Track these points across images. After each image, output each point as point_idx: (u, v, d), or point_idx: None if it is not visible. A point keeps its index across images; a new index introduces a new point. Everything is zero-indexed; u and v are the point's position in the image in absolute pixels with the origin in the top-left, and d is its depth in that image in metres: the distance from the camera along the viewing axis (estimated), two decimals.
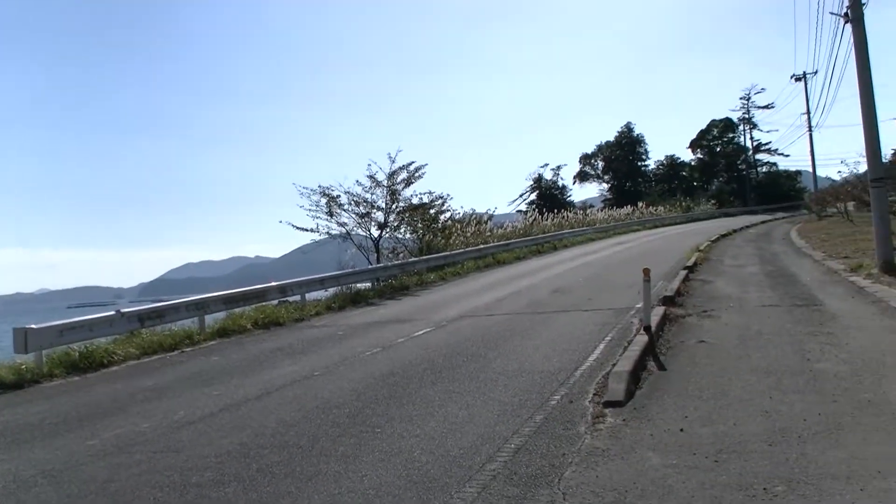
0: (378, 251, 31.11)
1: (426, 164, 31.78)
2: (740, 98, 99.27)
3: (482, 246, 35.31)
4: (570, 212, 59.89)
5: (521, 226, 47.17)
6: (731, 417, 6.89)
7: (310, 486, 5.98)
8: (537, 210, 59.07)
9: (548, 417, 7.40)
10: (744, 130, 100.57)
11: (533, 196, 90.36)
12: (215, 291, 19.40)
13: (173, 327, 16.81)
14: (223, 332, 16.89)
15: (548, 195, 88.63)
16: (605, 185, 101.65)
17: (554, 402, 7.99)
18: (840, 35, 23.55)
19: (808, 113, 66.93)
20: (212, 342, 16.07)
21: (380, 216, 31.12)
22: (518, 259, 34.60)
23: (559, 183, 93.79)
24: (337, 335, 15.38)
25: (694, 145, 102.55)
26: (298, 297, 21.56)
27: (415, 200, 32.20)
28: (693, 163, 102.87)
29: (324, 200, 29.67)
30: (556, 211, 56.48)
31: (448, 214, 36.20)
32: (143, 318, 16.22)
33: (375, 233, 31.27)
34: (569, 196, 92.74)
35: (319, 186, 29.69)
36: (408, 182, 31.42)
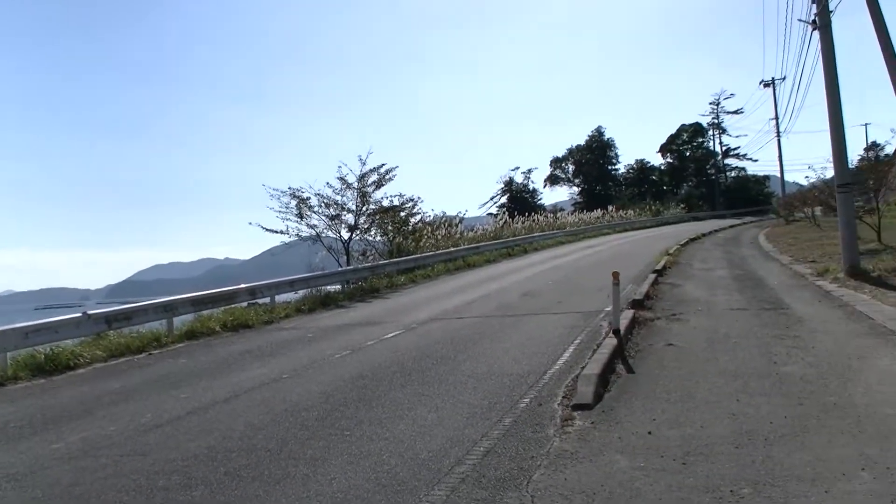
0: (348, 253, 31.03)
1: (397, 167, 31.83)
2: (710, 103, 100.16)
3: (452, 249, 35.32)
4: (540, 215, 59.98)
5: (492, 229, 47.23)
6: (698, 420, 6.94)
7: (278, 489, 5.95)
8: (508, 213, 59.25)
9: (517, 420, 7.41)
10: (713, 135, 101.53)
11: (504, 199, 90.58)
12: (184, 293, 19.25)
13: (141, 329, 16.64)
14: (191, 335, 16.76)
15: (518, 198, 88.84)
16: (576, 189, 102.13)
17: (523, 405, 8.01)
18: (808, 42, 23.83)
19: (777, 118, 67.76)
20: (180, 344, 15.94)
21: (350, 218, 31.10)
22: (488, 262, 34.61)
23: (530, 186, 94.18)
24: (306, 338, 15.32)
25: (664, 150, 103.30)
26: (268, 300, 21.44)
27: (385, 203, 32.17)
28: (663, 167, 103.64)
29: (294, 202, 29.59)
30: (526, 214, 56.65)
31: (418, 217, 36.17)
32: (110, 320, 16.04)
33: (345, 235, 31.21)
34: (539, 199, 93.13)
35: (289, 188, 29.63)
36: (378, 184, 31.42)
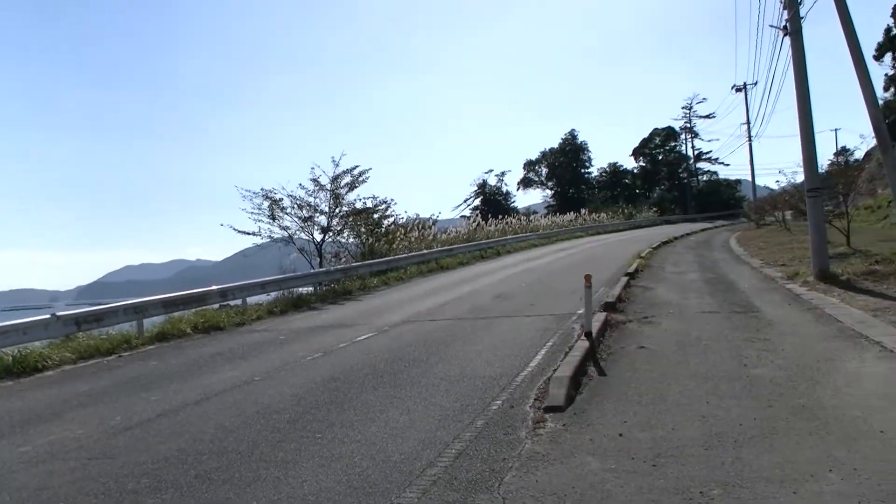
0: (321, 255, 30.94)
1: (370, 169, 31.78)
2: (682, 107, 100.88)
3: (426, 251, 35.30)
4: (513, 218, 60.10)
5: (465, 231, 47.20)
6: (669, 422, 6.98)
7: (248, 492, 5.92)
8: (481, 216, 59.24)
9: (489, 422, 7.42)
10: (685, 139, 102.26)
11: (477, 201, 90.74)
12: (155, 295, 19.09)
13: (111, 331, 16.51)
14: (162, 337, 16.62)
15: (492, 201, 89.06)
16: (549, 192, 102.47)
17: (495, 408, 8.02)
18: (779, 48, 24.15)
19: (748, 123, 68.29)
20: (150, 346, 15.81)
21: (323, 220, 30.98)
22: (461, 264, 34.66)
23: (503, 189, 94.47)
24: (278, 340, 15.25)
25: (636, 153, 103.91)
26: (240, 301, 21.30)
27: (358, 205, 32.06)
28: (635, 170, 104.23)
29: (266, 204, 29.44)
30: (499, 217, 56.82)
31: (392, 219, 36.15)
32: (79, 321, 15.87)
33: (318, 237, 31.13)
34: (513, 202, 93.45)
35: (262, 189, 29.48)
36: (351, 186, 31.34)
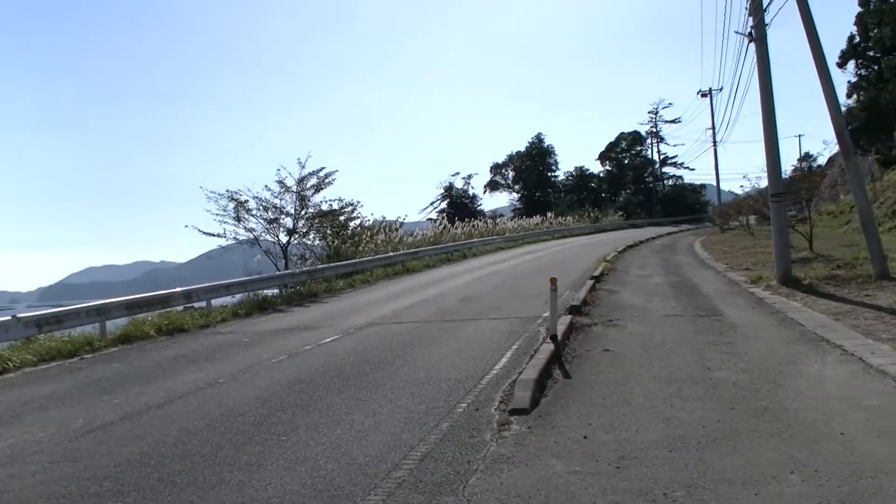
0: (286, 257, 30.76)
1: (336, 171, 31.59)
2: (648, 112, 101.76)
3: (392, 253, 35.27)
4: (480, 221, 60.15)
5: (431, 234, 47.18)
6: (633, 424, 7.03)
7: (212, 495, 5.89)
8: (448, 218, 59.29)
9: (454, 425, 7.44)
10: (651, 144, 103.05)
11: (443, 204, 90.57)
12: (118, 296, 18.91)
13: (73, 333, 16.33)
14: (125, 339, 16.47)
15: (458, 204, 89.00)
16: (516, 195, 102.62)
17: (460, 410, 8.04)
18: (744, 54, 24.40)
19: (713, 128, 69.05)
20: (113, 349, 15.66)
21: (288, 222, 30.76)
22: (428, 267, 34.67)
23: (470, 192, 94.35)
24: (243, 342, 15.16)
25: (603, 157, 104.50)
26: (204, 304, 21.16)
27: (324, 207, 31.85)
28: (602, 174, 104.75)
29: (231, 205, 29.14)
30: (466, 219, 56.81)
31: (358, 221, 35.89)
32: (41, 323, 15.67)
33: (284, 239, 30.89)
34: (479, 205, 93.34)
35: (227, 191, 29.17)
36: (318, 188, 31.16)
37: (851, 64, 57.05)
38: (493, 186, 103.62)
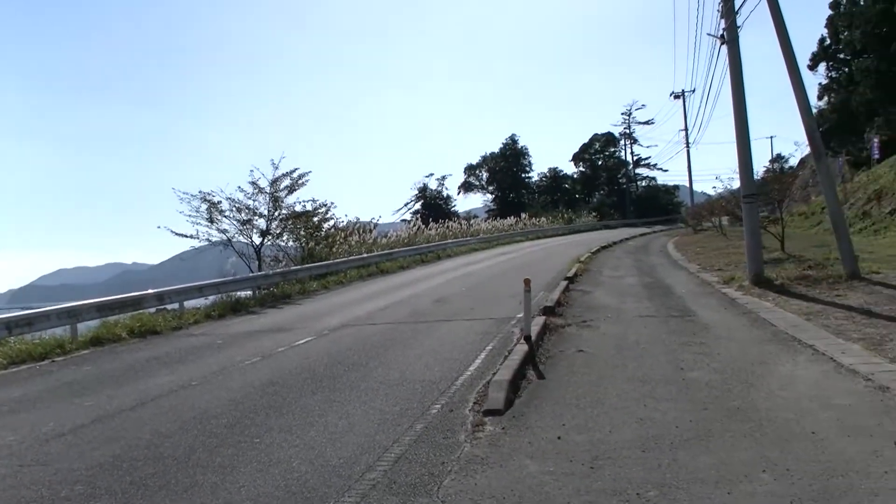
0: (260, 259, 30.62)
1: (310, 172, 31.50)
2: (622, 113, 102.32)
3: (366, 255, 35.13)
4: (454, 222, 60.24)
5: (406, 235, 47.13)
6: (606, 425, 7.06)
7: (185, 498, 5.85)
8: (422, 220, 59.25)
9: (428, 426, 7.43)
10: (625, 145, 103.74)
11: (417, 205, 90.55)
12: (90, 298, 18.76)
13: (43, 336, 16.19)
14: (97, 341, 16.32)
15: (432, 205, 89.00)
16: (490, 196, 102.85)
17: (434, 411, 8.04)
18: (716, 56, 24.56)
19: (686, 129, 69.63)
20: (85, 351, 15.52)
21: (262, 223, 30.62)
22: (402, 268, 34.61)
23: (444, 193, 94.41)
24: (216, 344, 15.07)
25: (576, 158, 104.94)
26: (177, 305, 21.03)
27: (298, 208, 31.73)
28: (575, 175, 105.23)
29: (204, 206, 28.96)
30: (440, 221, 56.79)
31: (332, 223, 35.82)
32: (10, 325, 15.52)
33: (257, 240, 30.74)
34: (453, 206, 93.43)
35: (200, 192, 28.99)
36: (291, 189, 31.03)
37: (822, 66, 57.80)
38: (467, 187, 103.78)
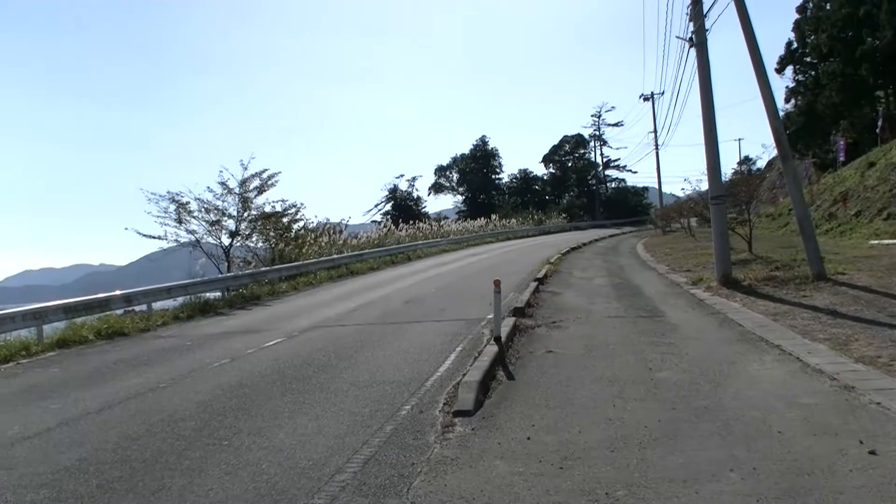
0: (229, 260, 30.47)
1: (279, 172, 31.42)
2: (592, 115, 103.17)
3: (336, 256, 35.10)
4: (424, 223, 60.28)
5: (376, 236, 47.11)
6: (576, 425, 7.08)
7: (153, 501, 5.80)
8: (392, 221, 59.23)
9: (398, 427, 7.43)
10: (594, 147, 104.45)
11: (388, 207, 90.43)
12: (56, 300, 18.55)
13: (8, 338, 15.98)
14: (63, 343, 16.16)
15: (403, 206, 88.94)
16: (460, 197, 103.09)
17: (404, 413, 8.03)
18: (685, 59, 24.73)
19: (655, 132, 70.16)
20: (51, 353, 15.36)
21: (231, 224, 30.48)
22: (372, 269, 34.60)
23: (414, 194, 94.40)
24: (184, 346, 14.96)
25: (546, 160, 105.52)
26: (145, 307, 20.86)
27: (267, 209, 31.63)
28: (545, 177, 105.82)
29: (172, 207, 28.78)
30: (410, 222, 56.81)
31: (301, 223, 35.70)
32: None
33: (226, 241, 30.60)
34: (424, 207, 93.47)
35: (168, 192, 28.80)
36: (260, 190, 30.94)
37: (789, 69, 58.53)
38: (437, 189, 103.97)
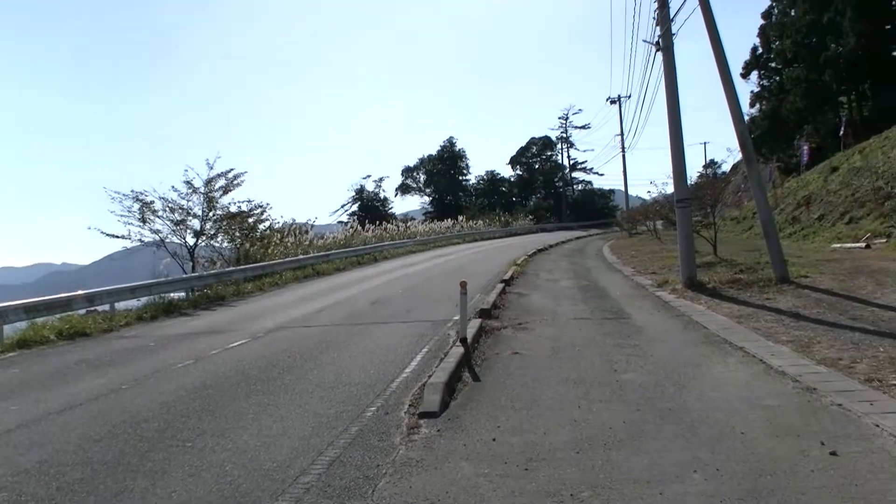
0: (194, 260, 30.24)
1: (245, 172, 31.32)
2: (559, 118, 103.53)
3: (302, 256, 34.94)
4: (391, 224, 60.18)
5: (342, 237, 46.94)
6: (541, 426, 7.10)
7: (115, 503, 5.74)
8: (358, 221, 59.06)
9: (363, 429, 7.40)
10: (562, 149, 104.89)
11: (354, 207, 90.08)
12: (16, 300, 18.29)
13: None
14: (24, 344, 15.95)
15: (369, 207, 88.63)
16: (427, 199, 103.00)
17: (370, 414, 8.01)
18: (652, 62, 24.90)
19: (622, 134, 70.71)
20: (11, 354, 15.15)
21: (196, 224, 30.27)
22: (338, 270, 34.49)
23: (381, 195, 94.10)
24: (148, 346, 14.82)
25: (514, 162, 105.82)
26: (107, 307, 20.64)
27: (233, 208, 31.45)
28: (512, 179, 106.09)
29: (136, 206, 28.52)
30: (377, 223, 56.68)
31: (267, 224, 35.47)
32: None
33: (191, 241, 30.38)
34: (390, 208, 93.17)
35: (132, 191, 28.54)
36: (226, 189, 30.78)
37: (755, 74, 59.29)
38: (404, 189, 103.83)
